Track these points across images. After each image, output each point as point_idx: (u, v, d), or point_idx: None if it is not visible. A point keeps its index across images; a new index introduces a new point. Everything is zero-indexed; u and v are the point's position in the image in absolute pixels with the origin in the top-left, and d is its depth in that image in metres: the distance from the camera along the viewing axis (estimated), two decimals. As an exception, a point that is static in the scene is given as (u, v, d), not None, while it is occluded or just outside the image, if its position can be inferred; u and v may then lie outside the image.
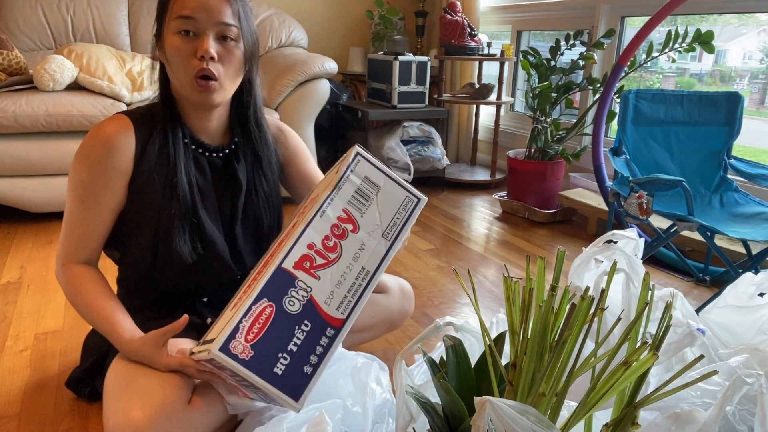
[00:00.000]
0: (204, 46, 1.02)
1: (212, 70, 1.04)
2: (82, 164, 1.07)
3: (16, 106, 2.20)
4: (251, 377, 0.85)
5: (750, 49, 2.50)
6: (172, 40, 1.04)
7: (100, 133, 1.07)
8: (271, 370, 0.87)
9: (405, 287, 1.42)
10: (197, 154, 1.15)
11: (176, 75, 1.06)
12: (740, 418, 0.84)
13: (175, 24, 1.03)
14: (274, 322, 0.89)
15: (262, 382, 0.86)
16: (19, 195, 2.29)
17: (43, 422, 1.17)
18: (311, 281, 0.92)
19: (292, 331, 0.89)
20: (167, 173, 1.10)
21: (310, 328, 0.91)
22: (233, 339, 0.85)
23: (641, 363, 0.66)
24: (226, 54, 1.06)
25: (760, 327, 1.07)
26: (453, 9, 3.11)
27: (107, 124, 1.09)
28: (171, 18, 1.03)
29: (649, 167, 1.94)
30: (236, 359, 0.85)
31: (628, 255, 1.01)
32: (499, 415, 0.61)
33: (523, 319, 0.71)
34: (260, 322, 0.88)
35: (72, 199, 1.09)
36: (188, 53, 1.03)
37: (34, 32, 2.78)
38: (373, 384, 0.93)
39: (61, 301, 1.71)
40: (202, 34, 1.03)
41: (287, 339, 0.89)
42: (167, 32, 1.05)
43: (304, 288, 0.92)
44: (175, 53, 1.04)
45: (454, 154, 3.63)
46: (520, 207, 2.70)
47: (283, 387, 0.87)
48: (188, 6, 1.02)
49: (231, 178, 1.18)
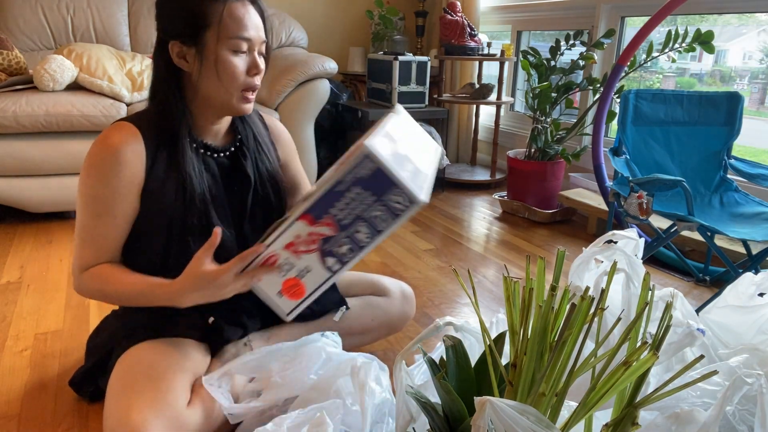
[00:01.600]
0: (258, 65, 1.10)
1: (258, 84, 1.13)
2: (93, 179, 1.06)
3: (16, 106, 2.20)
4: (393, 175, 0.87)
5: (750, 49, 2.50)
6: (226, 56, 1.07)
7: (109, 144, 1.06)
8: (402, 171, 0.90)
9: (406, 291, 1.42)
10: (206, 157, 1.17)
11: (226, 87, 1.09)
12: (740, 418, 0.84)
13: (233, 43, 1.06)
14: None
15: (398, 179, 0.87)
16: (19, 195, 2.29)
17: (43, 422, 1.17)
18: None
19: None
20: (178, 180, 1.10)
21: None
22: (378, 139, 0.89)
23: (641, 363, 0.66)
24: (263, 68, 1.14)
25: (760, 327, 1.07)
26: (453, 9, 3.11)
27: (114, 133, 1.07)
28: (227, 35, 1.06)
29: (649, 167, 1.94)
30: (382, 156, 0.87)
31: (628, 255, 1.01)
32: (499, 415, 0.61)
33: (523, 319, 0.71)
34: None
35: (86, 214, 1.08)
36: (242, 69, 1.09)
37: (34, 32, 2.78)
38: (372, 383, 0.93)
39: (61, 301, 1.71)
40: (252, 51, 1.10)
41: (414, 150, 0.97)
42: (215, 47, 1.06)
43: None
44: (233, 70, 1.08)
45: (454, 154, 3.63)
46: (520, 207, 2.70)
47: (412, 186, 0.89)
48: (245, 26, 1.07)
49: (239, 175, 1.20)
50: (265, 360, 1.06)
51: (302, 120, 2.71)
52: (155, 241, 1.11)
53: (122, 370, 1.03)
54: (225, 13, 1.05)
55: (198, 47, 1.06)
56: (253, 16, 1.08)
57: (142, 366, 1.02)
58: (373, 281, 1.41)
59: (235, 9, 1.06)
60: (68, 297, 1.73)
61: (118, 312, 1.25)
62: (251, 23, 1.07)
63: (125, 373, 1.01)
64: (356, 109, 3.00)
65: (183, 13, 1.05)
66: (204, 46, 1.06)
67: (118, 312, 1.25)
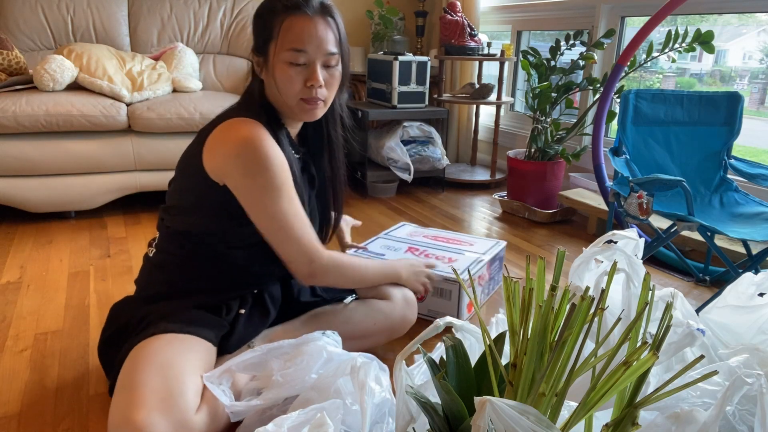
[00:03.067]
0: (315, 77, 1.13)
1: (319, 97, 1.16)
2: (270, 171, 1.10)
3: (16, 106, 2.20)
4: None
5: (750, 49, 2.50)
6: (282, 68, 1.12)
7: (257, 136, 1.10)
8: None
9: (408, 296, 1.42)
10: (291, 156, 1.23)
11: (284, 96, 1.15)
12: (740, 418, 0.84)
13: (288, 55, 1.11)
14: None
15: None
16: (19, 195, 2.29)
17: (43, 422, 1.17)
18: None
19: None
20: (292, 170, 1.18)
21: None
22: None
23: (641, 363, 0.66)
24: (330, 79, 1.17)
25: (760, 327, 1.07)
26: (453, 9, 3.11)
27: (251, 127, 1.11)
28: (283, 47, 1.11)
29: (649, 167, 1.94)
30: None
31: (628, 255, 1.01)
32: (499, 415, 0.61)
33: (523, 319, 0.71)
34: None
35: (285, 203, 1.13)
36: (299, 82, 1.13)
37: (34, 32, 2.78)
38: (372, 383, 0.93)
39: (61, 301, 1.71)
40: (311, 64, 1.13)
41: None
42: (276, 58, 1.12)
43: None
44: (287, 80, 1.13)
45: (454, 154, 3.63)
46: (520, 207, 2.70)
47: None
48: (301, 39, 1.11)
49: (308, 174, 1.30)
50: (266, 358, 1.06)
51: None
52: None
53: (137, 363, 1.01)
54: (283, 26, 1.11)
55: (265, 57, 1.15)
56: (316, 29, 1.12)
57: (158, 362, 1.00)
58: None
59: (294, 22, 1.11)
60: (68, 297, 1.73)
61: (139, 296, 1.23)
62: (310, 36, 1.11)
63: (139, 367, 1.00)
64: (356, 109, 3.00)
65: (258, 27, 1.15)
66: (268, 56, 1.14)
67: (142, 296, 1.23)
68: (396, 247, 1.81)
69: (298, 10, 1.11)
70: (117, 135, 2.39)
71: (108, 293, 1.76)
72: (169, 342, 1.05)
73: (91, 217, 2.48)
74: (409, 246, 1.82)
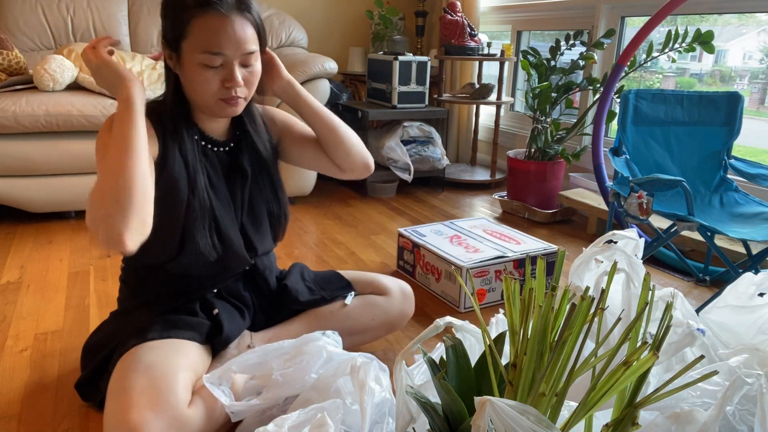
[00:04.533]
0: (234, 79, 1.05)
1: (239, 95, 1.08)
2: (114, 125, 0.98)
3: (16, 106, 2.20)
4: None
5: (750, 49, 2.50)
6: (197, 70, 1.04)
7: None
8: None
9: (406, 290, 1.43)
10: (207, 150, 1.18)
11: (199, 97, 1.08)
12: (740, 418, 0.84)
13: (203, 57, 1.03)
14: None
15: None
16: (19, 195, 2.29)
17: (43, 422, 1.17)
18: None
19: None
20: (188, 171, 1.12)
21: None
22: None
23: (641, 363, 0.66)
24: (250, 76, 1.09)
25: (760, 327, 1.07)
26: (453, 9, 3.11)
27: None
28: (196, 49, 1.03)
29: (649, 167, 1.94)
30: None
31: (629, 255, 1.01)
32: (499, 415, 0.61)
33: (523, 319, 0.71)
34: None
35: (106, 155, 0.99)
36: (216, 82, 1.06)
37: (34, 32, 2.78)
38: (372, 383, 0.93)
39: (61, 301, 1.71)
40: (229, 65, 1.05)
41: None
42: (190, 58, 1.04)
43: None
44: (203, 82, 1.05)
45: (454, 154, 3.63)
46: (520, 207, 2.70)
47: None
48: (217, 41, 1.02)
49: (238, 169, 1.22)
50: (266, 358, 1.06)
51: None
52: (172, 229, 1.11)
53: (123, 370, 1.02)
54: (197, 26, 1.02)
55: (177, 53, 1.07)
56: (233, 28, 1.03)
57: (142, 366, 1.02)
58: (372, 280, 1.41)
59: (209, 22, 1.02)
60: (68, 297, 1.73)
61: (118, 311, 1.25)
62: (227, 37, 1.02)
63: (126, 373, 1.01)
64: (356, 109, 3.00)
65: (169, 18, 1.06)
66: (180, 54, 1.06)
67: (119, 311, 1.25)
68: (445, 233, 1.98)
69: (210, 8, 1.01)
70: (117, 135, 2.39)
71: (108, 293, 1.76)
72: (150, 348, 1.06)
73: (91, 217, 2.47)
74: (456, 234, 1.97)
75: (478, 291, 1.71)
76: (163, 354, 1.05)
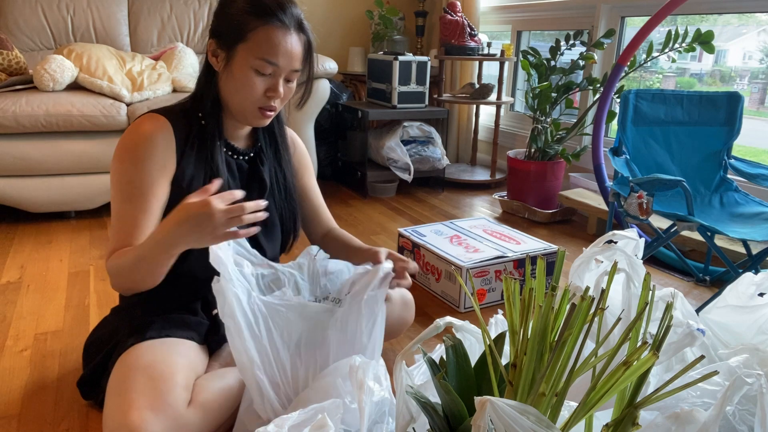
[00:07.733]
0: (277, 90, 1.11)
1: (275, 106, 1.14)
2: (126, 164, 1.08)
3: (16, 106, 2.20)
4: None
5: (750, 49, 2.50)
6: (247, 73, 1.09)
7: (142, 131, 1.09)
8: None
9: (406, 297, 1.42)
10: (228, 158, 1.20)
11: (238, 100, 1.12)
12: (740, 418, 0.84)
13: (258, 63, 1.08)
14: None
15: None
16: (19, 195, 2.29)
17: (43, 422, 1.17)
18: None
19: None
20: (206, 175, 1.14)
21: None
22: None
23: (641, 363, 0.66)
24: (287, 91, 1.15)
25: (760, 327, 1.07)
26: (453, 9, 3.11)
27: (145, 122, 1.10)
28: (254, 54, 1.08)
29: (649, 167, 1.94)
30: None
31: (629, 255, 1.01)
32: (499, 415, 0.61)
33: (523, 319, 0.71)
34: None
35: (120, 200, 1.09)
36: (261, 90, 1.11)
37: (34, 32, 2.78)
38: (371, 382, 0.93)
39: (61, 301, 1.71)
40: (276, 76, 1.11)
41: None
42: (243, 61, 1.09)
43: None
44: (249, 86, 1.10)
45: (454, 154, 3.63)
46: (520, 207, 2.70)
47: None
48: (276, 52, 1.08)
49: (257, 179, 1.24)
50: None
51: (302, 120, 2.71)
52: None
53: (122, 370, 1.02)
54: (261, 34, 1.07)
55: (228, 53, 1.10)
56: (290, 44, 1.10)
57: (141, 365, 1.02)
58: None
59: (272, 33, 1.08)
60: (68, 297, 1.73)
61: (119, 307, 1.25)
62: (284, 50, 1.09)
63: (125, 373, 1.01)
64: (356, 109, 3.00)
65: (230, 18, 1.10)
66: (233, 55, 1.10)
67: (120, 306, 1.24)
68: (445, 233, 1.97)
69: (277, 20, 1.08)
70: (117, 135, 2.39)
71: (108, 293, 1.76)
72: (149, 347, 1.06)
73: (91, 217, 2.48)
74: (456, 234, 1.96)
75: (478, 291, 1.71)
76: (162, 354, 1.05)
